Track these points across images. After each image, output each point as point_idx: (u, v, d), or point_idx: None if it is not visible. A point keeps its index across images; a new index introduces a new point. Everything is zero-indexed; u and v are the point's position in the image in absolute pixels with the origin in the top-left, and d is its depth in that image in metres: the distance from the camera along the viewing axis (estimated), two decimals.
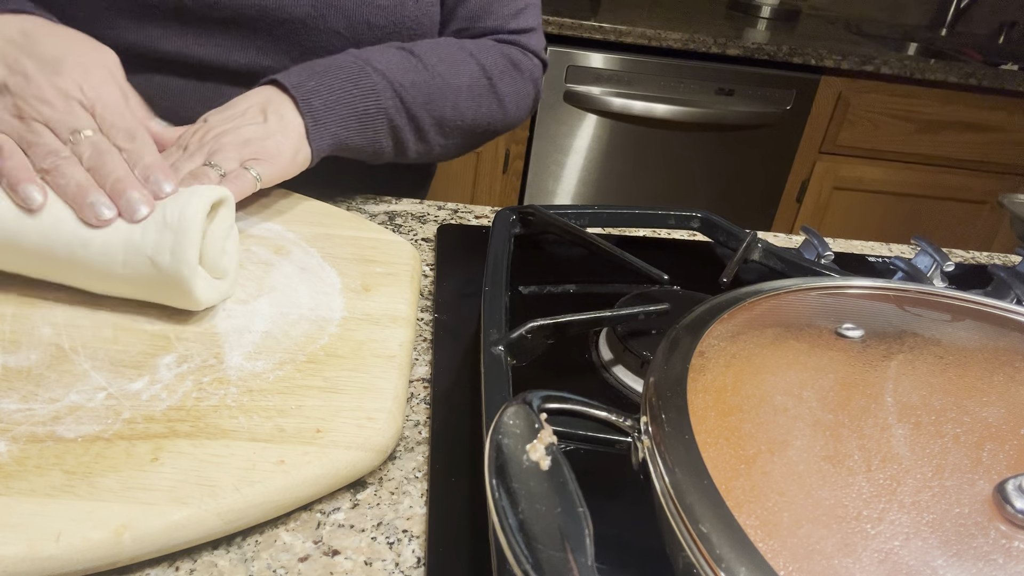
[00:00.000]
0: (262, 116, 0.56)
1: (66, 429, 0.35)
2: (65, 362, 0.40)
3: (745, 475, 0.27)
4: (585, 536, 0.26)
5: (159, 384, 0.39)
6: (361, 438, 0.37)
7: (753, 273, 0.62)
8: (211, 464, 0.35)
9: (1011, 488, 0.26)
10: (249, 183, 0.52)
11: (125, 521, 0.31)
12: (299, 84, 0.57)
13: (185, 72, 0.65)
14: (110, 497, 0.32)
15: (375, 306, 0.48)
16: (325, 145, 0.58)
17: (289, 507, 0.35)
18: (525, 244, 0.62)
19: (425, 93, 0.64)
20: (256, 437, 0.36)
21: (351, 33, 0.65)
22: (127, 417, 0.36)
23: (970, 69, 1.71)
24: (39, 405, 0.36)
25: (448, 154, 0.71)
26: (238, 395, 0.39)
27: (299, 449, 0.36)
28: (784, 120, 1.77)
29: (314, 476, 0.35)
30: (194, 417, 0.37)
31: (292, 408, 0.38)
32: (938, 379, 0.33)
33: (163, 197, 0.44)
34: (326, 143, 0.58)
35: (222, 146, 0.52)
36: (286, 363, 0.42)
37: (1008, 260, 0.77)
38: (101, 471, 0.33)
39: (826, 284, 0.41)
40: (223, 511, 0.33)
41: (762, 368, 0.33)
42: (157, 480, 0.33)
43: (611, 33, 1.63)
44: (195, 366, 0.41)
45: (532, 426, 0.29)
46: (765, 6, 2.03)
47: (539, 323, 0.44)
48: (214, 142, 0.53)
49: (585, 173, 1.83)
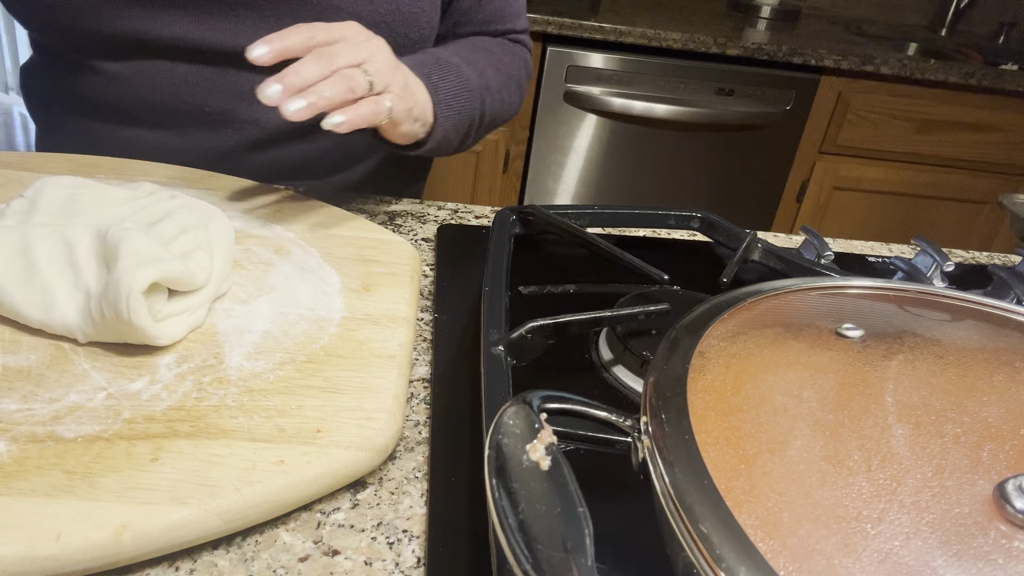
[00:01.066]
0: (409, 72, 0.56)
1: (66, 429, 0.35)
2: (65, 362, 0.39)
3: (745, 475, 0.27)
4: (585, 536, 0.26)
5: (159, 384, 0.39)
6: (361, 438, 0.37)
7: (753, 273, 0.62)
8: (211, 464, 0.35)
9: (1011, 488, 0.26)
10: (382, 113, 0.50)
11: (125, 521, 0.31)
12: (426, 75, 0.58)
13: (192, 58, 0.64)
14: (110, 497, 0.32)
15: (375, 306, 0.48)
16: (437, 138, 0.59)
17: (289, 507, 0.35)
18: (525, 244, 0.61)
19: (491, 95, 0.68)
20: (256, 437, 0.36)
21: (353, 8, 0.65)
22: (127, 417, 0.36)
23: (970, 69, 1.71)
24: (39, 405, 0.36)
25: (469, 147, 0.73)
26: (238, 395, 0.39)
27: (299, 449, 0.36)
28: (784, 120, 1.77)
29: (314, 476, 0.35)
30: (194, 417, 0.37)
31: (292, 408, 0.38)
32: (938, 379, 0.33)
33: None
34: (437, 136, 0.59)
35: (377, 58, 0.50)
36: (286, 363, 0.42)
37: (1008, 260, 0.77)
38: (101, 471, 0.33)
39: (826, 284, 0.41)
40: (223, 511, 0.33)
41: (762, 368, 0.33)
42: (157, 480, 0.33)
43: (611, 33, 1.63)
44: (195, 366, 0.40)
45: (532, 426, 0.29)
46: (765, 6, 2.03)
47: (539, 323, 0.44)
48: (371, 52, 0.50)
49: (585, 173, 1.83)
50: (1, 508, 0.31)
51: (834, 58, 1.68)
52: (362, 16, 0.64)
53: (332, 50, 0.49)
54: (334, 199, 0.67)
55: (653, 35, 1.64)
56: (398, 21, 0.67)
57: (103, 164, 0.60)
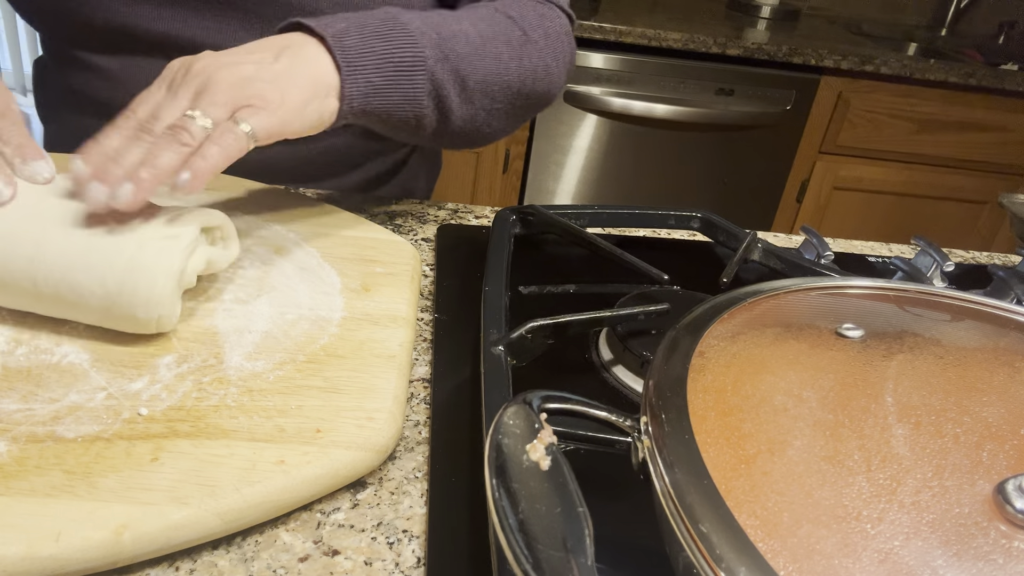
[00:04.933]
0: (272, 56, 0.46)
1: (66, 429, 0.35)
2: (64, 361, 0.40)
3: (745, 475, 0.27)
4: (585, 536, 0.26)
5: (159, 384, 0.39)
6: (361, 438, 0.37)
7: (753, 273, 0.62)
8: (211, 464, 0.35)
9: (1011, 488, 0.26)
10: (239, 142, 0.41)
11: (125, 521, 0.31)
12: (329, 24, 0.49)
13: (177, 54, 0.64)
14: (110, 497, 0.32)
15: (375, 306, 0.48)
16: (358, 94, 0.49)
17: (289, 507, 0.35)
18: (525, 244, 0.61)
19: (465, 44, 0.56)
20: (256, 437, 0.36)
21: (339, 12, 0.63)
22: (127, 417, 0.36)
23: (970, 69, 1.71)
24: (39, 405, 0.36)
25: (496, 124, 0.62)
26: (238, 395, 0.39)
27: (299, 449, 0.36)
28: (784, 120, 1.77)
29: (314, 476, 0.35)
30: (194, 417, 0.37)
31: (292, 408, 0.38)
32: (938, 379, 0.33)
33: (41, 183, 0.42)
34: (358, 92, 0.49)
35: (213, 83, 0.43)
36: (286, 363, 0.42)
37: (1008, 260, 0.77)
38: (101, 471, 0.33)
39: (826, 284, 0.41)
40: (223, 511, 0.33)
41: (762, 368, 0.33)
42: (157, 480, 0.33)
43: (611, 33, 1.63)
44: (195, 366, 0.41)
45: (532, 426, 0.29)
46: (765, 6, 2.03)
47: (539, 323, 0.44)
48: (205, 79, 0.43)
49: (585, 173, 1.83)
50: (1, 508, 0.31)
51: (834, 58, 1.68)
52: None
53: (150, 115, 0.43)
54: (333, 199, 0.67)
55: (653, 35, 1.64)
56: None
57: None
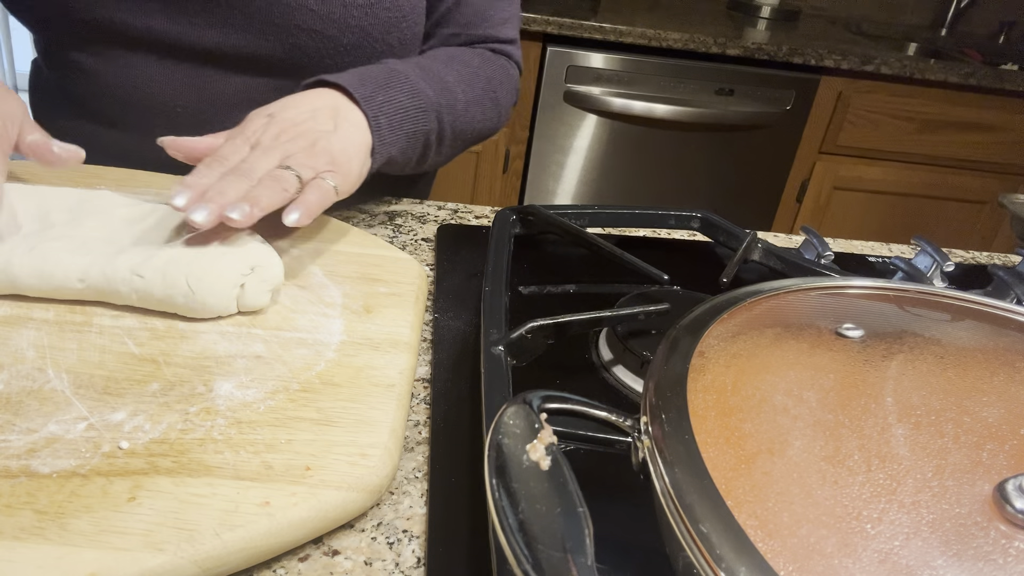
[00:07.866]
0: (332, 123, 0.53)
1: (41, 463, 0.33)
2: (47, 387, 0.38)
3: (745, 475, 0.27)
4: (585, 536, 0.26)
5: (142, 415, 0.37)
6: (353, 477, 0.35)
7: (753, 273, 0.62)
8: (191, 505, 0.32)
9: (1011, 488, 0.26)
10: (330, 195, 0.49)
11: (95, 569, 0.29)
12: (368, 97, 0.56)
13: (158, 51, 0.63)
14: (81, 541, 0.30)
15: (376, 329, 0.46)
16: (382, 155, 0.57)
17: (273, 553, 0.33)
18: (525, 244, 0.62)
19: (454, 111, 0.64)
20: (241, 475, 0.34)
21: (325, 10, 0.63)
22: (106, 451, 0.34)
23: (970, 69, 1.71)
24: (15, 436, 0.35)
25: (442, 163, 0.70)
26: (225, 427, 0.37)
27: (286, 489, 0.34)
28: (784, 120, 1.77)
29: (300, 520, 0.33)
30: (177, 451, 0.35)
31: (282, 443, 0.36)
32: (938, 379, 0.33)
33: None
34: (383, 153, 0.57)
35: (297, 150, 0.50)
36: (279, 392, 0.40)
37: (1008, 260, 0.77)
38: (74, 511, 0.31)
39: (826, 284, 0.41)
40: (201, 558, 0.31)
41: (762, 368, 0.33)
42: (133, 523, 0.31)
43: (611, 33, 1.63)
44: (183, 394, 0.39)
45: (532, 426, 0.29)
46: (765, 6, 2.03)
47: (539, 323, 0.44)
48: (289, 143, 0.50)
49: (585, 173, 1.83)
50: None
51: (834, 58, 1.68)
52: (334, 19, 0.63)
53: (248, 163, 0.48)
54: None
55: (653, 35, 1.64)
56: (374, 25, 0.64)
57: (105, 175, 0.59)
